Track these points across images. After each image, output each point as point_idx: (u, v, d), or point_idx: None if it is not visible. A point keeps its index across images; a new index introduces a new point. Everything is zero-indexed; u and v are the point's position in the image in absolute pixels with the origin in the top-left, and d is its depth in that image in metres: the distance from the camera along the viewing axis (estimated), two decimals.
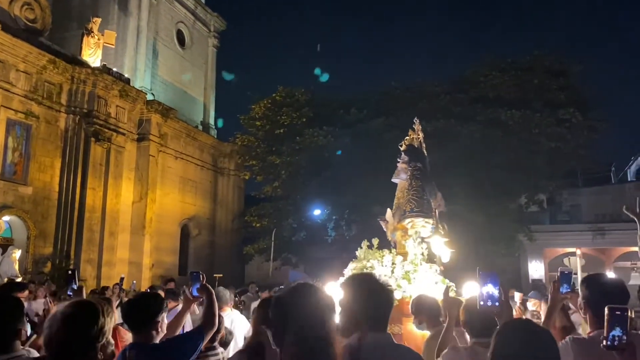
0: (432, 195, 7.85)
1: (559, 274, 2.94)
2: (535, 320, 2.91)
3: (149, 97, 23.30)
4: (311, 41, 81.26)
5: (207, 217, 27.62)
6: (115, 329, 4.62)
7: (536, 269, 24.80)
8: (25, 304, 4.45)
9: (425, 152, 8.36)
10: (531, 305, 8.60)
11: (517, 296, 10.43)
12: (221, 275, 17.46)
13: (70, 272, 3.46)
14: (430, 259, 7.29)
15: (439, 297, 4.88)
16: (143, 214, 22.33)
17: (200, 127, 28.12)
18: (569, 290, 2.95)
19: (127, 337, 4.69)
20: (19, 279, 11.32)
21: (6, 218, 17.50)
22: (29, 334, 3.64)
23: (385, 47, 76.63)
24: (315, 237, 24.76)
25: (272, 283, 16.43)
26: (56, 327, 2.30)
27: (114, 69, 21.52)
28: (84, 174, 19.45)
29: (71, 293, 3.31)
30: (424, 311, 4.37)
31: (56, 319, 2.32)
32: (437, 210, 8.03)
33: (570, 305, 4.16)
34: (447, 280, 6.55)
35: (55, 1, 23.74)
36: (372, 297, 2.45)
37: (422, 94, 22.70)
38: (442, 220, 7.91)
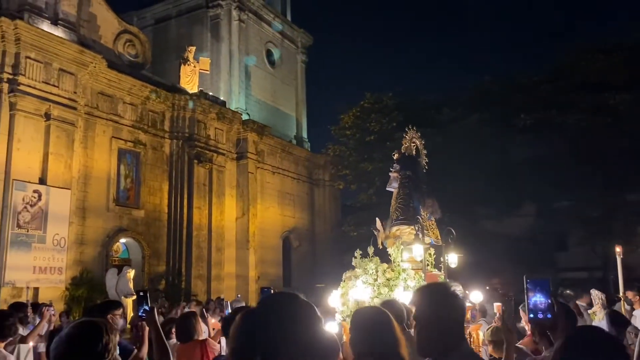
0: (421, 203, 8.02)
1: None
2: None
3: (244, 117, 24.27)
4: (395, 45, 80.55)
5: (307, 229, 28.12)
6: (204, 342, 4.79)
7: None
8: (121, 321, 4.68)
9: (424, 158, 8.69)
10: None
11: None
12: (323, 285, 17.63)
13: (142, 293, 3.54)
14: (437, 264, 7.56)
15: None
16: (246, 229, 23.22)
17: (294, 142, 28.81)
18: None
19: (216, 348, 4.84)
20: (134, 297, 12.16)
21: (123, 240, 18.99)
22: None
23: (469, 43, 73.99)
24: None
25: None
26: (62, 348, 2.33)
27: (211, 93, 22.72)
28: (189, 194, 20.61)
29: (144, 314, 3.39)
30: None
31: (61, 340, 2.36)
32: (432, 217, 8.22)
33: None
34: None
35: (154, 35, 25.62)
36: (457, 308, 2.28)
37: (518, 86, 21.62)
38: (441, 225, 8.00)
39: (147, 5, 27.55)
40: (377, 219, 8.28)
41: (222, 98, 23.77)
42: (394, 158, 8.61)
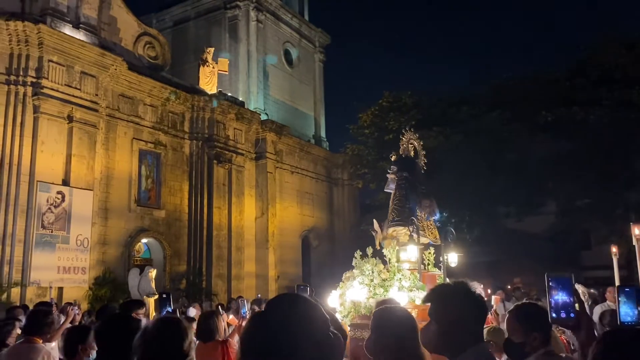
0: (418, 204, 8.07)
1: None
2: None
3: (263, 117, 24.38)
4: (412, 43, 79.95)
5: (326, 228, 28.13)
6: (225, 342, 4.82)
7: None
8: (144, 320, 4.75)
9: (422, 159, 8.73)
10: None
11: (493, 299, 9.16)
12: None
13: (164, 295, 3.57)
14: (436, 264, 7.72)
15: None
16: (266, 229, 23.33)
17: (312, 141, 28.84)
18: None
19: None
20: (156, 297, 12.28)
21: (144, 240, 19.22)
22: None
23: (487, 40, 73.19)
24: None
25: None
26: (154, 344, 2.33)
27: (229, 94, 22.87)
28: (209, 194, 20.77)
29: None
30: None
31: (151, 336, 2.36)
32: (430, 217, 8.28)
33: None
34: (420, 286, 6.99)
35: (173, 37, 25.86)
36: (479, 306, 2.24)
37: (538, 83, 21.33)
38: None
39: (166, 8, 27.82)
40: (374, 220, 8.56)
41: (240, 98, 23.91)
42: (392, 159, 8.80)
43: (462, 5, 75.27)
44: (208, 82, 21.86)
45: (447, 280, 7.39)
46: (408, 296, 6.86)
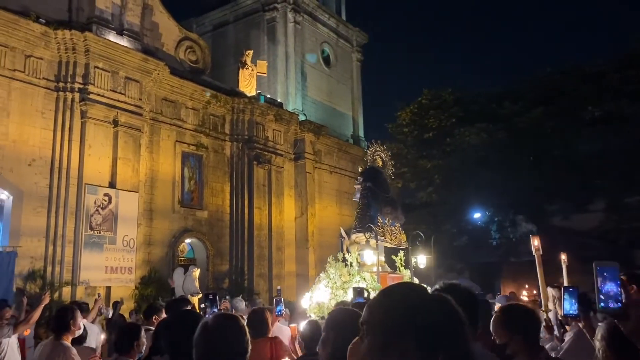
0: (379, 211, 8.81)
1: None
2: None
3: (301, 117, 24.49)
4: (450, 39, 78.85)
5: (402, 222, 27.96)
6: (275, 339, 4.84)
7: None
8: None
9: (390, 169, 9.71)
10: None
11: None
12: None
13: (211, 296, 3.62)
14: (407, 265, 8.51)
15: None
16: (305, 228, 23.44)
17: (350, 141, 28.77)
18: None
19: (288, 349, 4.90)
20: (200, 295, 12.53)
21: (188, 240, 19.61)
22: None
23: (529, 32, 71.34)
24: (479, 241, 23.73)
25: None
26: (216, 340, 2.33)
27: (268, 96, 23.08)
28: (249, 195, 21.02)
29: None
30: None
31: (210, 332, 2.35)
32: (395, 223, 9.18)
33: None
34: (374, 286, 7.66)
35: (213, 41, 26.28)
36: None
37: (584, 76, 20.67)
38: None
39: (206, 12, 28.29)
40: (340, 228, 9.86)
41: (279, 100, 24.09)
42: (359, 171, 9.76)
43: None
44: (247, 84, 22.11)
45: (415, 280, 8.25)
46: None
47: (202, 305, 4.27)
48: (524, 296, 14.38)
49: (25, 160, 15.07)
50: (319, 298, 7.72)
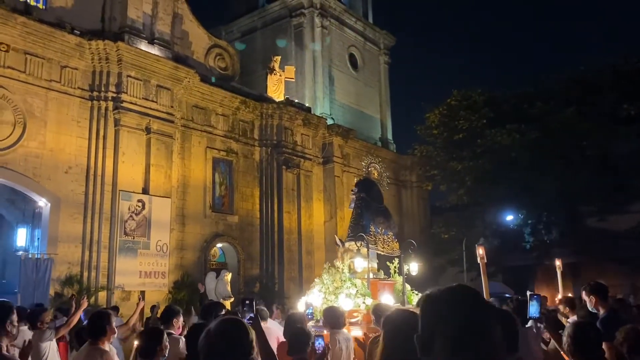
0: (372, 221, 9.26)
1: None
2: None
3: (329, 121, 24.54)
4: (478, 39, 77.85)
5: (395, 231, 27.80)
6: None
7: None
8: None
9: (384, 180, 10.15)
10: None
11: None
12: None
13: (247, 302, 3.64)
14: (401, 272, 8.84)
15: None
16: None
17: (379, 144, 28.68)
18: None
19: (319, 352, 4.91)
20: (232, 299, 12.66)
21: (219, 245, 19.84)
22: None
23: (560, 30, 69.89)
24: (511, 244, 23.33)
25: None
26: (217, 344, 2.38)
27: (296, 100, 23.22)
28: (279, 199, 21.16)
29: (250, 322, 3.50)
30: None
31: (213, 335, 2.41)
32: (388, 232, 9.52)
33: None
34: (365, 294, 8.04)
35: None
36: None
37: (620, 75, 20.17)
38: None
39: (234, 19, 28.65)
40: (335, 235, 9.86)
41: (307, 104, 24.20)
42: (355, 183, 10.24)
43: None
44: (276, 89, 22.29)
45: (407, 287, 8.72)
46: (353, 302, 7.92)
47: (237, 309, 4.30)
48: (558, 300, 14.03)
49: (62, 168, 15.50)
50: (313, 302, 8.11)
